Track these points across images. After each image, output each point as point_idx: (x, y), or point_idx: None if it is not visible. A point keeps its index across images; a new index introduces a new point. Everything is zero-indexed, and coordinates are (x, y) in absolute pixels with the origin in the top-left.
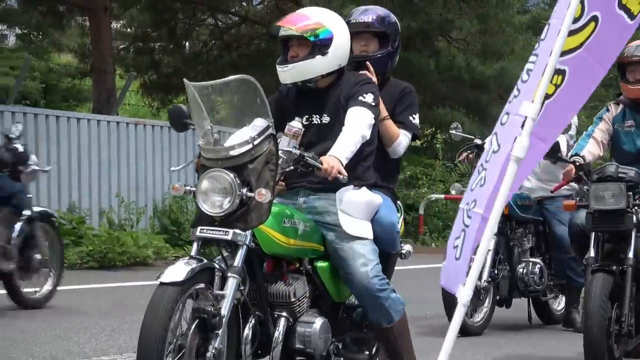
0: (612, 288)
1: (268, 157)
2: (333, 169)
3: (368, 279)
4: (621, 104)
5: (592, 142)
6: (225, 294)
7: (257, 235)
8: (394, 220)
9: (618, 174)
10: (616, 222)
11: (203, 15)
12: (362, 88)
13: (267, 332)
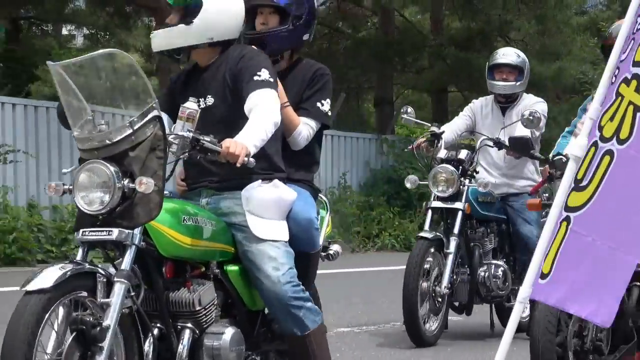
0: None
1: (154, 142)
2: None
3: (279, 285)
4: None
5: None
6: (111, 302)
7: (153, 235)
8: (311, 216)
9: None
10: None
11: None
12: (251, 63)
13: (170, 346)
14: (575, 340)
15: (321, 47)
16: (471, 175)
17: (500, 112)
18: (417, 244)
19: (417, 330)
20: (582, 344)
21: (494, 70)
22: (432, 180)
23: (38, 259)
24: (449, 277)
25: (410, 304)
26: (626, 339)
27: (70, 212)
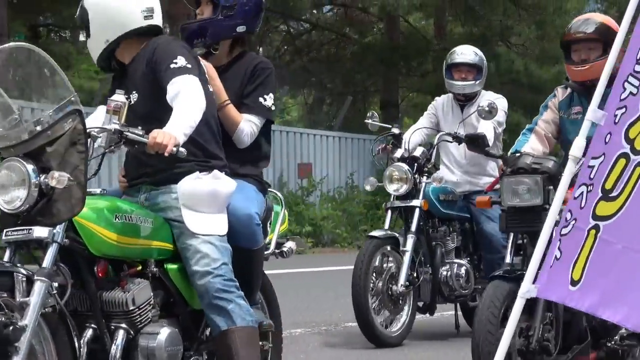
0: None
1: (73, 137)
2: (163, 142)
3: (209, 278)
4: (569, 88)
5: (534, 137)
6: (29, 301)
7: (82, 233)
8: (251, 211)
9: (532, 165)
10: (532, 221)
11: (276, 22)
12: (165, 53)
13: (104, 347)
14: (521, 340)
15: (329, 52)
16: (428, 172)
17: (460, 109)
18: (365, 242)
19: (372, 330)
20: (527, 344)
21: (452, 69)
22: (387, 179)
23: None
24: (406, 275)
25: (360, 304)
26: (580, 339)
27: None
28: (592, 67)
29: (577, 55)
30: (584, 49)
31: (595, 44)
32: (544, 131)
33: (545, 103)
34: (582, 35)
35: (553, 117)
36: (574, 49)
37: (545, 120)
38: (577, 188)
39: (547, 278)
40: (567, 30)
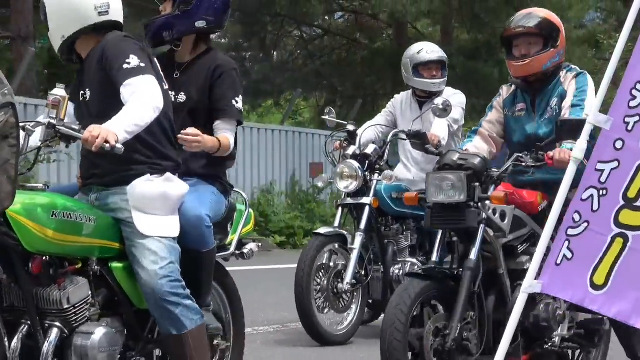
0: (445, 295)
1: (5, 130)
2: (95, 137)
3: (156, 280)
4: (513, 86)
5: (478, 138)
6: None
7: (16, 229)
8: (201, 213)
9: (458, 161)
10: (456, 218)
11: (290, 27)
12: (116, 52)
13: (38, 344)
14: (438, 339)
15: (340, 56)
16: (380, 170)
17: (418, 106)
18: (311, 240)
19: (315, 329)
20: (443, 343)
21: (420, 68)
22: (337, 176)
23: None
24: (352, 273)
25: (302, 302)
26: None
27: None
28: (531, 62)
29: (517, 51)
30: (524, 44)
31: (535, 38)
32: (488, 132)
33: (491, 103)
34: (521, 29)
35: (498, 117)
36: (515, 44)
37: (489, 120)
38: (584, 190)
39: (553, 276)
40: (508, 25)
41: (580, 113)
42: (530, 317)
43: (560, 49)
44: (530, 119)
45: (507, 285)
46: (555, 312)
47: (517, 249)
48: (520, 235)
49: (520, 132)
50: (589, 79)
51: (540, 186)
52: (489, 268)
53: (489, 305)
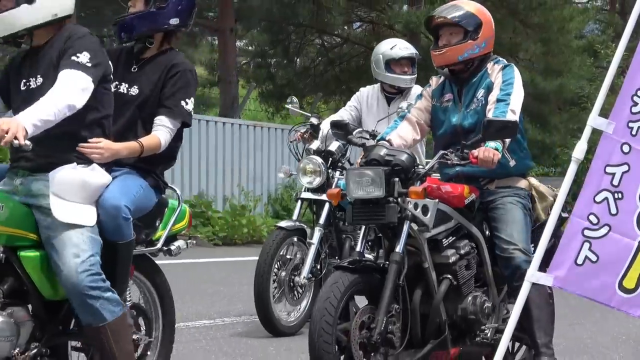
0: (371, 288)
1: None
2: (5, 132)
3: (76, 272)
4: (442, 77)
5: (405, 124)
6: None
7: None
8: (119, 203)
9: (386, 157)
10: (376, 214)
11: (312, 36)
12: (75, 44)
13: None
14: (364, 332)
15: (358, 63)
16: (342, 167)
17: (386, 102)
18: (272, 233)
19: (269, 319)
20: (369, 337)
21: (392, 63)
22: (300, 171)
23: None
24: (309, 267)
25: (261, 292)
26: (438, 332)
27: None
28: (447, 52)
29: (440, 41)
30: (447, 34)
31: (456, 29)
32: (416, 118)
33: (420, 92)
34: (442, 20)
35: (426, 105)
36: (440, 34)
37: (418, 107)
38: (598, 192)
39: (570, 273)
40: (432, 14)
41: (505, 109)
42: (458, 310)
43: (481, 41)
44: (457, 109)
45: (433, 279)
46: (484, 305)
47: (441, 242)
48: (446, 229)
49: (447, 123)
50: (515, 71)
51: (465, 179)
52: (414, 262)
53: (415, 299)
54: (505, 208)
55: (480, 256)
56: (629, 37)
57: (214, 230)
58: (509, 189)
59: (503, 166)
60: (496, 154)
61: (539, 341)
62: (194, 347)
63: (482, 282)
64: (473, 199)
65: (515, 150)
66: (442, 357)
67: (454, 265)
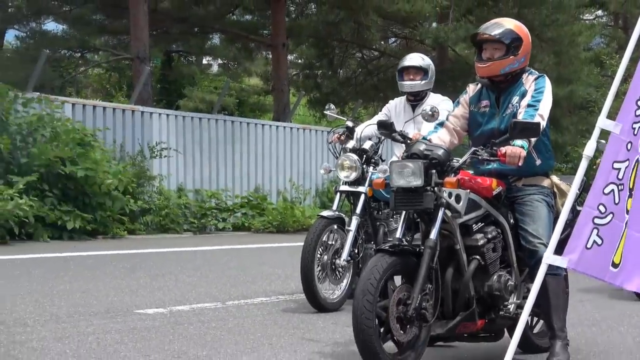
0: (408, 269)
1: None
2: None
3: None
4: (479, 84)
5: (444, 130)
6: None
7: None
8: None
9: (424, 151)
10: (415, 201)
11: (353, 50)
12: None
13: None
14: (400, 308)
15: (393, 73)
16: (375, 163)
17: (411, 109)
18: (315, 222)
19: (314, 297)
20: (405, 312)
21: (402, 72)
22: (339, 167)
23: (184, 229)
24: (348, 250)
25: (306, 274)
26: (467, 306)
27: (211, 194)
28: (491, 65)
29: (484, 54)
30: (490, 49)
31: (499, 45)
32: (453, 125)
33: (458, 99)
34: (487, 36)
35: (463, 112)
36: (484, 47)
37: (455, 115)
38: (606, 185)
39: (582, 257)
40: (478, 31)
41: (533, 113)
42: (485, 287)
43: (520, 57)
44: (495, 114)
45: (464, 259)
46: (507, 283)
47: (472, 227)
48: (475, 216)
49: (485, 126)
50: (547, 81)
51: (496, 174)
52: (448, 244)
53: (447, 276)
54: (532, 205)
55: (505, 241)
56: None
57: (269, 220)
58: (535, 187)
59: (530, 165)
60: (522, 151)
61: (556, 325)
62: (253, 321)
63: (506, 263)
64: (500, 191)
65: (541, 151)
66: (470, 327)
67: (482, 247)
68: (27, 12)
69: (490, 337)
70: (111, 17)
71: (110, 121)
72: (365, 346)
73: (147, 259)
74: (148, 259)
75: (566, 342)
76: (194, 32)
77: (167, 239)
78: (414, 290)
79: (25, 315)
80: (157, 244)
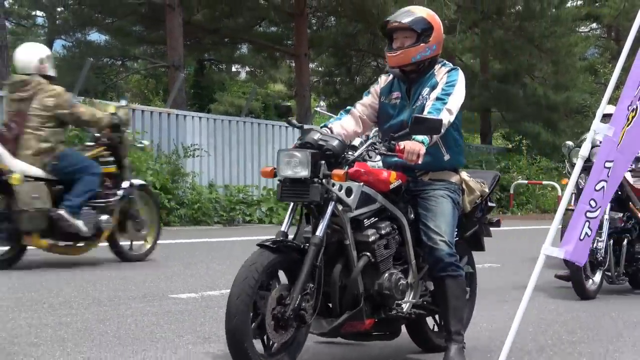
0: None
1: None
2: None
3: None
4: (391, 75)
5: (349, 117)
6: None
7: None
8: None
9: (319, 141)
10: (302, 193)
11: (369, 59)
12: None
13: None
14: (279, 307)
15: None
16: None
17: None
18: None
19: None
20: (283, 312)
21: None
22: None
23: (214, 221)
24: None
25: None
26: (355, 304)
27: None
28: (402, 54)
29: (395, 43)
30: (401, 38)
31: (410, 33)
32: (360, 113)
33: (369, 89)
34: (397, 24)
35: (372, 102)
36: (394, 37)
37: (363, 104)
38: (598, 182)
39: (577, 248)
40: (388, 19)
41: (441, 106)
42: (375, 285)
43: (432, 44)
44: (406, 106)
45: (353, 255)
46: (399, 282)
47: (363, 222)
48: (369, 210)
49: (395, 119)
50: (460, 74)
51: (403, 169)
52: (338, 239)
53: (335, 273)
54: (436, 200)
55: (402, 237)
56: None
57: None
58: (442, 182)
59: (438, 159)
60: (422, 148)
61: (453, 328)
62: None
63: (403, 260)
64: (399, 184)
65: (451, 146)
66: (357, 326)
67: (374, 244)
68: (74, 24)
69: (385, 336)
70: (149, 28)
71: (148, 123)
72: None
73: (181, 249)
74: (181, 248)
75: (462, 345)
76: (224, 43)
77: (198, 230)
78: (294, 290)
79: (70, 299)
80: (190, 235)
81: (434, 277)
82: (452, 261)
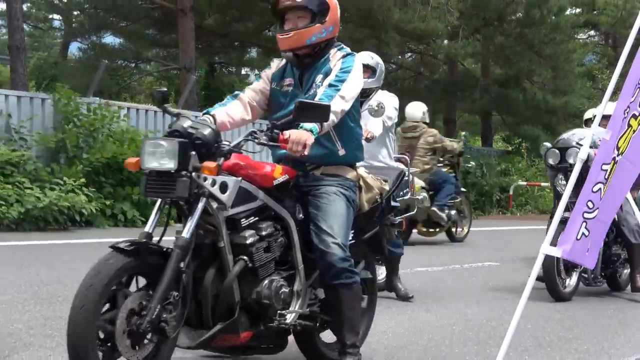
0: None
1: None
2: None
3: None
4: (284, 60)
5: (236, 103)
6: None
7: None
8: None
9: (188, 129)
10: (168, 187)
11: None
12: None
13: None
14: (133, 320)
15: (409, 84)
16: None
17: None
18: None
19: None
20: (139, 324)
21: None
22: None
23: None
24: None
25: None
26: (229, 315)
27: None
28: (295, 35)
29: (287, 24)
30: (293, 18)
31: (303, 12)
32: (249, 99)
33: (260, 73)
34: (289, 3)
35: (263, 87)
36: (286, 18)
37: (253, 89)
38: (595, 184)
39: (574, 247)
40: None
41: (333, 93)
42: (253, 294)
43: (328, 25)
44: (297, 94)
45: (229, 259)
46: (280, 290)
47: (240, 222)
48: (248, 209)
49: (287, 108)
50: (356, 60)
51: (292, 162)
52: (212, 240)
53: (207, 278)
54: (329, 198)
55: (288, 239)
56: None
57: None
58: (336, 178)
59: (332, 153)
60: (309, 137)
61: (348, 342)
62: None
63: (289, 265)
64: (285, 180)
65: (346, 140)
66: (232, 340)
67: (251, 246)
68: (89, 27)
69: (270, 349)
70: (162, 32)
71: (160, 123)
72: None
73: None
74: None
75: (358, 358)
76: (234, 46)
77: None
78: (152, 299)
79: None
80: None
81: (326, 285)
82: (346, 266)
